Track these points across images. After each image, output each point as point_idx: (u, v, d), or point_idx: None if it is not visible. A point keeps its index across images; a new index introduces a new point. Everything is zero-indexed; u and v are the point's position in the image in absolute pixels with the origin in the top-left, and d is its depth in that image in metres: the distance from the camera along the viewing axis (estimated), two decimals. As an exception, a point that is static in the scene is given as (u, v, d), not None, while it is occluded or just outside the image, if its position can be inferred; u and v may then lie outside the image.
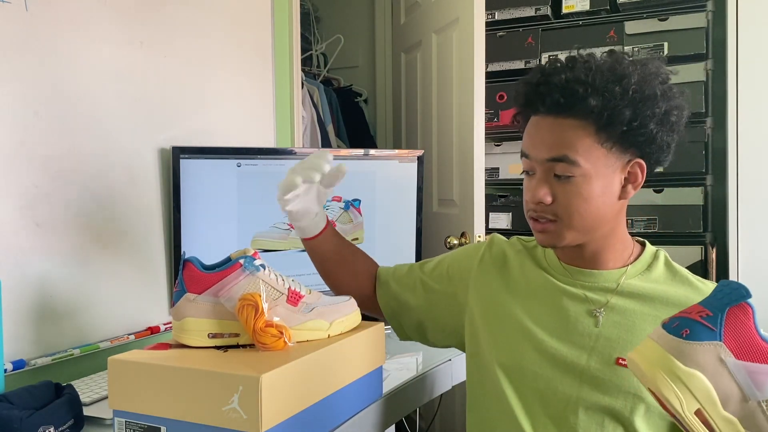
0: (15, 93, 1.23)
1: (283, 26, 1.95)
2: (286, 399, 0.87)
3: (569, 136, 0.96)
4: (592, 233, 1.00)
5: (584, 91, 0.94)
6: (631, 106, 0.94)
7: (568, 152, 0.95)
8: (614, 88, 0.94)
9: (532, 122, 1.01)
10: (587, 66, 0.97)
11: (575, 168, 0.95)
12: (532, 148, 0.99)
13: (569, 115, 0.96)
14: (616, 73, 0.96)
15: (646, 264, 1.04)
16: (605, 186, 0.97)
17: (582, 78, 0.95)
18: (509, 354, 1.03)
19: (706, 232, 2.24)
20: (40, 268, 1.28)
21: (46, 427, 0.97)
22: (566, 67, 0.98)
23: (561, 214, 0.98)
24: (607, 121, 0.94)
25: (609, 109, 0.94)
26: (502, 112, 2.56)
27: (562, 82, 0.95)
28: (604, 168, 0.97)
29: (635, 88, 0.94)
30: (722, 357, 0.68)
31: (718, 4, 2.23)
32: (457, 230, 2.15)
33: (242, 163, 1.60)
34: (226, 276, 0.96)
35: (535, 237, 1.04)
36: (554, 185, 0.98)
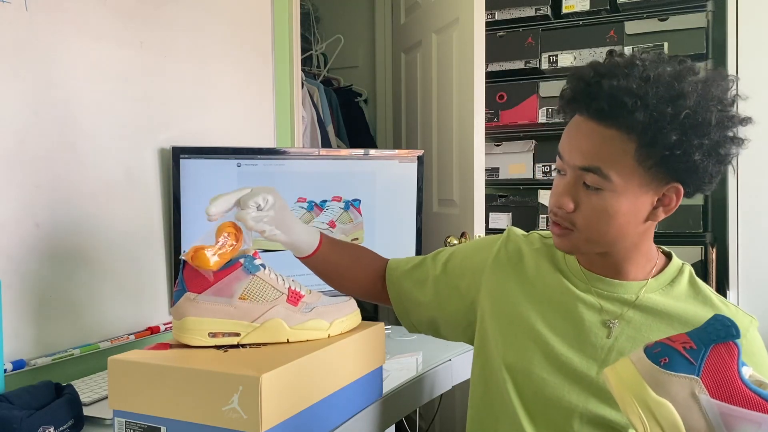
0: (15, 93, 1.23)
1: (283, 26, 1.95)
2: (286, 399, 0.87)
3: (607, 147, 0.89)
4: (611, 247, 0.97)
5: (633, 104, 0.86)
6: (678, 130, 0.86)
7: (602, 165, 0.89)
8: (665, 108, 0.86)
9: (574, 122, 0.94)
10: (644, 75, 0.88)
11: (606, 182, 0.90)
12: (567, 152, 0.94)
13: (612, 125, 0.89)
14: (673, 90, 0.87)
15: (670, 278, 1.00)
16: (633, 205, 0.92)
17: (634, 88, 0.86)
18: (518, 356, 1.01)
19: (706, 232, 2.24)
20: (40, 268, 1.28)
21: (46, 427, 0.97)
22: (621, 71, 0.89)
23: (579, 225, 0.94)
24: (650, 141, 0.87)
25: (654, 130, 0.86)
26: (502, 112, 2.56)
27: (612, 88, 0.87)
28: (638, 187, 0.91)
29: (688, 112, 0.86)
30: (696, 393, 0.67)
31: (718, 4, 2.23)
32: (457, 230, 2.15)
33: (242, 163, 1.60)
34: (227, 275, 0.96)
35: (553, 239, 1.00)
36: (580, 193, 0.93)
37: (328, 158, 1.74)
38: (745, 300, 2.10)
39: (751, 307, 2.13)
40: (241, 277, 0.97)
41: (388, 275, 1.21)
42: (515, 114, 2.55)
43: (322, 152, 1.80)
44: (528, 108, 2.53)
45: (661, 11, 2.31)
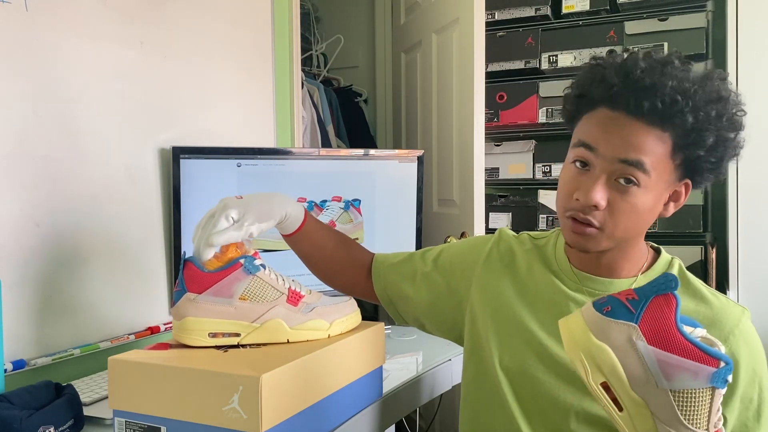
0: (15, 93, 1.23)
1: (283, 26, 1.95)
2: (286, 399, 0.87)
3: (649, 143, 0.88)
4: (623, 243, 0.96)
5: (685, 104, 0.87)
6: (716, 132, 0.89)
7: (646, 159, 0.88)
8: (711, 110, 0.88)
9: (607, 116, 0.91)
10: (686, 76, 0.89)
11: (644, 177, 0.89)
12: (605, 143, 0.90)
13: (657, 124, 0.88)
14: (713, 93, 0.89)
15: (659, 274, 1.00)
16: (656, 201, 0.93)
17: (685, 89, 0.87)
18: (512, 357, 1.01)
19: (706, 232, 2.24)
20: (40, 268, 1.28)
21: (46, 427, 0.97)
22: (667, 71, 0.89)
23: (607, 224, 0.92)
24: (691, 142, 0.88)
25: (697, 131, 0.88)
26: (502, 112, 2.56)
27: (666, 87, 0.87)
28: (663, 183, 0.92)
29: (728, 116, 0.90)
30: (633, 339, 0.70)
31: (718, 4, 2.23)
32: (457, 230, 2.15)
33: (242, 163, 1.60)
34: (227, 276, 0.96)
35: (567, 236, 0.97)
36: (611, 191, 0.91)
37: (328, 158, 1.74)
38: (745, 300, 2.10)
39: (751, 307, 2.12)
40: (241, 278, 0.97)
41: (374, 268, 1.20)
42: (515, 114, 2.55)
43: (322, 152, 1.80)
44: (528, 108, 2.53)
45: (661, 11, 2.31)
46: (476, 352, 1.08)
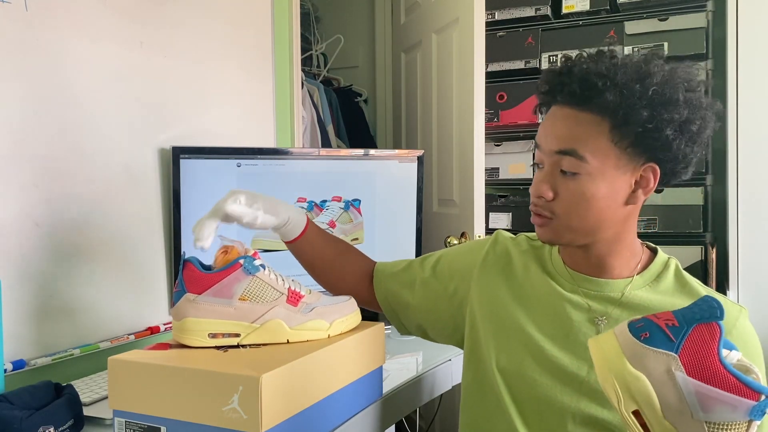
0: (15, 93, 1.23)
1: (283, 26, 1.95)
2: (286, 399, 0.87)
3: (582, 130, 0.93)
4: (593, 236, 0.97)
5: (603, 85, 0.90)
6: (649, 107, 0.90)
7: (578, 146, 0.92)
8: (634, 86, 0.90)
9: (549, 112, 0.99)
10: (612, 61, 0.93)
11: (583, 164, 0.92)
12: (543, 138, 0.97)
13: (585, 108, 0.93)
14: (640, 71, 0.92)
15: (656, 274, 1.00)
16: (611, 188, 0.94)
17: (603, 71, 0.91)
18: (510, 359, 1.01)
19: (706, 232, 2.24)
20: (40, 268, 1.28)
21: (46, 427, 0.97)
22: (590, 58, 0.95)
23: (559, 213, 0.96)
24: (622, 120, 0.90)
25: (625, 107, 0.90)
26: (502, 112, 2.56)
27: (582, 72, 0.92)
28: (614, 169, 0.93)
29: (656, 89, 0.90)
30: (672, 369, 0.68)
31: (718, 4, 2.23)
32: (457, 230, 2.15)
33: (242, 163, 1.60)
34: (226, 276, 0.96)
35: (536, 231, 1.02)
36: (558, 181, 0.95)
37: (328, 158, 1.74)
38: (745, 300, 2.10)
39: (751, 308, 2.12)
40: (241, 278, 0.97)
41: (375, 277, 1.21)
42: (515, 114, 2.55)
43: (322, 152, 1.80)
44: (528, 108, 2.53)
45: (661, 11, 2.31)
46: (475, 354, 1.08)
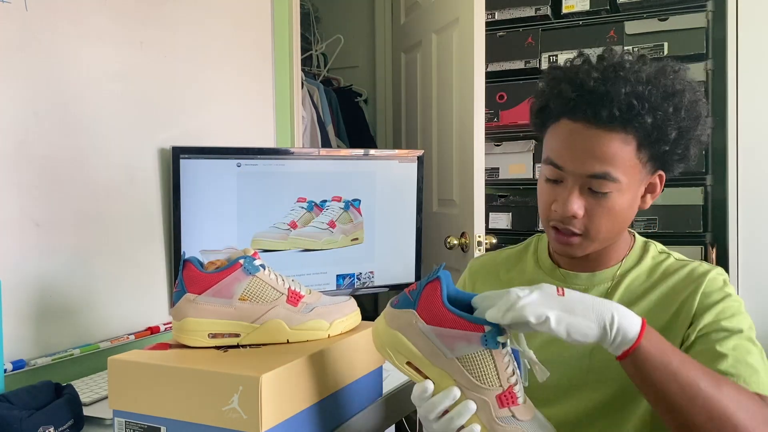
0: (15, 93, 1.23)
1: (283, 26, 1.95)
2: (286, 399, 0.87)
3: (613, 150, 0.91)
4: (609, 242, 1.00)
5: (641, 107, 0.89)
6: (677, 126, 0.91)
7: (611, 169, 0.91)
8: (668, 107, 0.90)
9: (568, 129, 0.94)
10: (639, 77, 0.91)
11: (614, 184, 0.92)
12: (570, 161, 0.93)
13: (618, 129, 0.90)
14: (668, 89, 0.91)
15: (637, 257, 1.05)
16: (633, 198, 0.96)
17: (639, 91, 0.89)
18: None
19: (706, 232, 2.24)
20: (40, 268, 1.28)
21: (46, 427, 0.97)
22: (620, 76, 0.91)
23: (589, 229, 0.95)
24: (654, 140, 0.91)
25: (659, 129, 0.90)
26: (502, 112, 2.56)
27: (620, 94, 0.89)
28: (636, 182, 0.95)
29: (686, 108, 0.91)
30: (414, 322, 0.81)
31: (718, 4, 2.23)
32: (457, 230, 2.15)
33: (242, 163, 1.60)
34: (226, 276, 0.96)
35: (553, 245, 1.01)
36: (587, 199, 0.94)
37: (328, 158, 1.74)
38: (745, 300, 2.09)
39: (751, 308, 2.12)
40: (241, 278, 0.97)
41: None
42: (515, 114, 2.55)
43: (322, 152, 1.80)
44: (528, 108, 2.52)
45: (661, 11, 2.31)
46: None
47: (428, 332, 0.81)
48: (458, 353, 0.80)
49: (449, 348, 0.80)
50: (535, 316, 0.76)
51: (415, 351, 0.82)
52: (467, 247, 2.09)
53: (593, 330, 0.77)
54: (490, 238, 2.12)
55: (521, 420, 0.80)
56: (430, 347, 0.81)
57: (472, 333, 0.79)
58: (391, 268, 1.83)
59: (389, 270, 1.82)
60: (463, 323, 0.79)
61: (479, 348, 0.79)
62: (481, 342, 0.79)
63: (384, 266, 1.82)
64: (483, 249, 2.05)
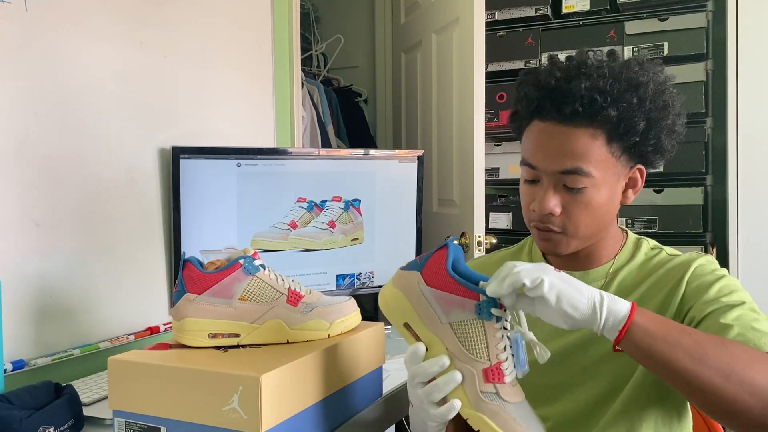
0: (15, 93, 1.23)
1: (283, 26, 1.95)
2: (286, 399, 0.87)
3: (582, 145, 0.93)
4: (593, 239, 1.01)
5: (603, 101, 0.91)
6: (644, 117, 0.93)
7: (582, 164, 0.93)
8: (632, 98, 0.92)
9: (538, 129, 0.97)
10: (601, 72, 0.93)
11: (587, 179, 0.93)
12: (542, 160, 0.96)
13: (582, 124, 0.93)
14: (632, 81, 0.93)
15: (630, 254, 1.05)
16: (611, 193, 0.97)
17: (600, 86, 0.92)
18: None
19: (706, 232, 2.24)
20: (40, 268, 1.28)
21: (46, 427, 0.97)
22: (581, 73, 0.94)
23: (568, 226, 0.96)
24: (622, 132, 0.93)
25: (625, 120, 0.92)
26: (502, 112, 2.56)
27: (580, 90, 0.92)
28: (612, 176, 0.96)
29: (651, 98, 0.93)
30: (417, 282, 0.84)
31: (718, 4, 2.23)
32: (457, 230, 2.15)
33: (242, 163, 1.60)
34: (226, 276, 0.96)
35: (538, 244, 1.03)
36: (563, 196, 0.95)
37: (328, 158, 1.74)
38: (745, 300, 2.10)
39: (751, 307, 2.13)
40: (241, 278, 0.97)
41: None
42: (515, 114, 2.55)
43: (322, 152, 1.80)
44: (528, 108, 2.52)
45: (661, 11, 2.31)
46: None
47: (428, 294, 0.83)
48: (452, 318, 0.81)
49: (444, 312, 0.82)
50: (531, 279, 0.77)
51: (413, 311, 0.84)
52: (467, 247, 2.09)
53: (583, 304, 0.77)
54: (490, 238, 2.12)
55: (506, 400, 0.79)
56: (427, 309, 0.83)
57: (467, 300, 0.81)
58: (391, 268, 1.82)
59: (389, 270, 1.82)
60: (461, 289, 0.81)
61: (472, 316, 0.80)
62: (475, 310, 0.80)
63: (384, 266, 1.83)
64: (483, 249, 2.05)
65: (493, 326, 0.80)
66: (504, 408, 0.79)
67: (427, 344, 0.83)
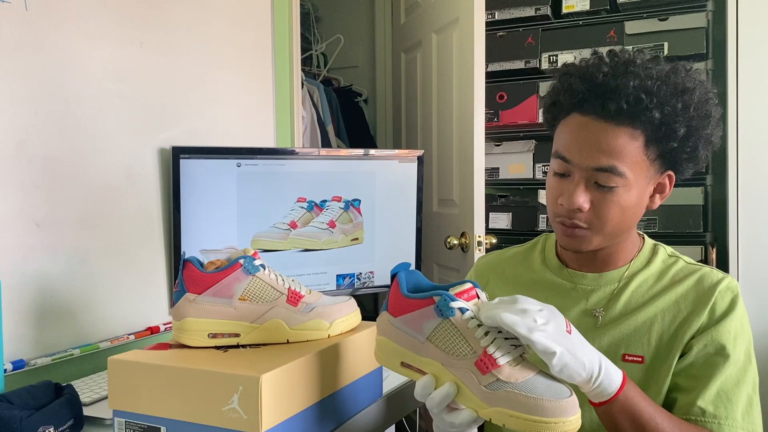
0: (15, 93, 1.23)
1: (283, 26, 1.95)
2: (286, 399, 0.87)
3: (620, 144, 0.92)
4: (616, 239, 1.00)
5: (649, 102, 0.90)
6: (686, 123, 0.92)
7: (618, 163, 0.92)
8: (677, 103, 0.91)
9: (577, 123, 0.95)
10: (649, 73, 0.92)
11: (620, 179, 0.93)
12: (577, 154, 0.94)
13: (626, 122, 0.92)
14: (678, 86, 0.92)
15: (646, 259, 1.05)
16: (640, 196, 0.96)
17: (648, 86, 0.91)
18: None
19: (706, 232, 2.24)
20: (40, 268, 1.28)
21: (46, 427, 0.97)
22: (629, 71, 0.92)
23: (595, 223, 0.96)
24: (662, 136, 0.92)
25: (667, 125, 0.91)
26: (502, 112, 2.56)
27: (628, 88, 0.90)
28: (644, 180, 0.95)
29: (695, 106, 0.92)
30: (387, 320, 0.85)
31: (718, 4, 2.23)
32: (457, 230, 2.15)
33: (242, 163, 1.60)
34: (226, 276, 0.96)
35: (560, 240, 1.01)
36: (593, 193, 0.94)
37: (328, 158, 1.74)
38: (745, 300, 2.09)
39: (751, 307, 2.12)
40: (241, 278, 0.97)
41: None
42: (515, 114, 2.55)
43: (322, 152, 1.80)
44: (528, 108, 2.53)
45: (661, 11, 2.31)
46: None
47: (399, 324, 0.84)
48: (427, 333, 0.81)
49: (418, 332, 0.81)
50: (545, 347, 0.76)
51: (399, 347, 0.84)
52: (467, 247, 2.09)
53: (581, 376, 0.78)
54: (490, 238, 2.12)
55: (510, 381, 0.76)
56: (406, 338, 0.83)
57: (427, 308, 0.81)
58: (391, 268, 1.82)
59: (389, 270, 1.82)
60: (417, 303, 0.82)
61: (438, 320, 0.80)
62: (436, 314, 0.80)
63: (384, 266, 1.82)
64: (483, 249, 2.05)
65: (460, 319, 0.79)
66: (511, 389, 0.76)
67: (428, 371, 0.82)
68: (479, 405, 0.78)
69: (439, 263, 2.40)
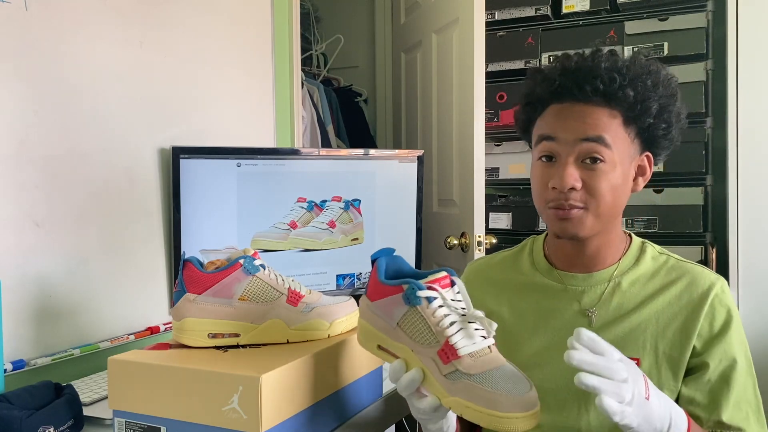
0: (15, 93, 1.23)
1: (283, 26, 1.95)
2: (286, 399, 0.87)
3: (604, 121, 0.96)
4: (608, 223, 1.00)
5: (622, 80, 0.95)
6: (657, 100, 0.97)
7: (606, 134, 0.95)
8: (646, 80, 0.96)
9: (557, 109, 0.99)
10: (615, 59, 0.98)
11: (607, 151, 0.95)
12: (563, 129, 0.97)
13: (603, 103, 0.96)
14: (644, 67, 0.98)
15: (635, 258, 1.05)
16: (625, 176, 0.98)
17: (619, 66, 0.96)
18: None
19: (706, 232, 2.24)
20: (40, 268, 1.28)
21: (46, 427, 0.97)
22: (598, 56, 0.98)
23: (589, 201, 0.96)
24: (638, 113, 0.96)
25: (641, 101, 0.96)
26: (502, 112, 2.56)
27: (601, 69, 0.95)
28: (627, 158, 0.98)
29: (662, 83, 0.97)
30: (366, 305, 0.88)
31: (718, 4, 2.23)
32: (457, 230, 2.15)
33: (242, 163, 1.60)
34: (226, 276, 0.96)
35: (555, 227, 1.00)
36: (582, 171, 0.96)
37: (328, 158, 1.74)
38: (745, 300, 2.10)
39: (751, 307, 2.13)
40: (241, 278, 0.97)
41: None
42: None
43: (322, 152, 1.80)
44: (528, 108, 2.52)
45: (661, 11, 2.31)
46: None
47: (374, 309, 0.87)
48: (396, 319, 0.83)
49: (390, 317, 0.84)
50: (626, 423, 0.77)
51: (375, 331, 0.87)
52: (467, 247, 2.09)
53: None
54: (490, 238, 2.12)
55: (469, 373, 0.77)
56: (381, 323, 0.86)
57: (396, 295, 0.83)
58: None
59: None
60: (390, 290, 0.84)
61: (406, 308, 0.82)
62: (404, 301, 0.82)
63: (384, 266, 1.82)
64: (483, 249, 2.05)
65: (426, 308, 0.81)
66: (471, 382, 0.77)
67: (400, 355, 0.84)
68: (442, 393, 0.80)
69: (439, 263, 2.40)
